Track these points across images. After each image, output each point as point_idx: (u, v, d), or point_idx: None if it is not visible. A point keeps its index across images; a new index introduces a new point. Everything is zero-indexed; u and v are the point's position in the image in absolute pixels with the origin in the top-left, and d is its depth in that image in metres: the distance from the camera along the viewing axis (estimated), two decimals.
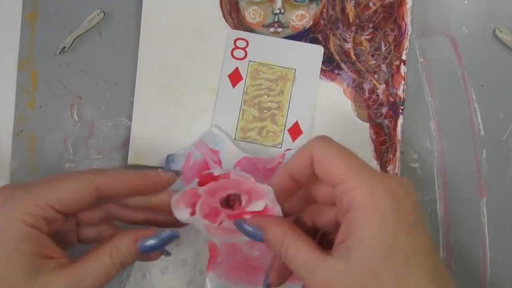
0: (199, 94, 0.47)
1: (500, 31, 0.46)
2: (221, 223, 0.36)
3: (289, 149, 0.46)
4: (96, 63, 0.48)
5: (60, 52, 0.48)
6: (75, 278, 0.34)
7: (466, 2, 0.47)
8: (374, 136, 0.46)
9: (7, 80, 0.49)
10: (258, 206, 0.36)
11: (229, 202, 0.37)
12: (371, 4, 0.47)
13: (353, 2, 0.47)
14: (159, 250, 0.38)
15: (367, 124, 0.46)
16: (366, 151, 0.46)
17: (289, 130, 0.46)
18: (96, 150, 0.48)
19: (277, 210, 0.36)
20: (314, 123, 0.46)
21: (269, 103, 0.47)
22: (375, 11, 0.47)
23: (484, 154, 0.46)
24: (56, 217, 0.35)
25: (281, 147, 0.46)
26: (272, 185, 0.36)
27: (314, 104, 0.46)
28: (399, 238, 0.30)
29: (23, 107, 0.49)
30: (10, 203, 0.34)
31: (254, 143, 0.46)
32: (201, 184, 0.36)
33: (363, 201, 0.30)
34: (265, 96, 0.47)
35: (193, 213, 0.36)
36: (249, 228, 0.35)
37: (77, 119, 0.48)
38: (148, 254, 0.37)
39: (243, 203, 0.36)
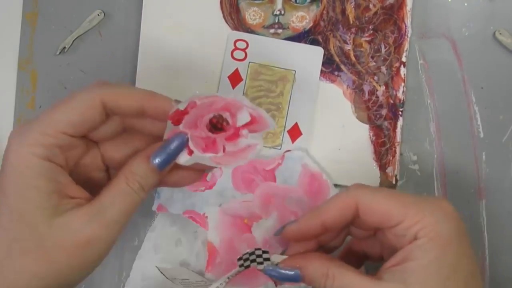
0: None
1: (500, 33, 0.46)
2: (224, 149, 0.34)
3: (288, 150, 0.46)
4: (96, 63, 0.48)
5: (60, 52, 0.48)
6: (95, 212, 0.31)
7: (466, 4, 0.47)
8: (374, 138, 0.46)
9: (7, 80, 0.49)
10: (244, 117, 0.33)
11: (216, 126, 0.34)
12: (371, 5, 0.47)
13: (353, 3, 0.47)
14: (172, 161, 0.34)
15: (367, 126, 0.46)
16: (365, 152, 0.46)
17: (288, 131, 0.46)
18: None
19: (264, 114, 0.34)
20: (313, 124, 0.46)
21: (269, 104, 0.47)
22: (375, 13, 0.47)
23: (483, 156, 0.46)
24: (70, 142, 0.32)
25: (280, 148, 0.46)
26: (300, 226, 0.35)
27: (314, 105, 0.46)
28: (461, 260, 0.31)
29: (23, 107, 0.49)
30: (19, 139, 0.31)
31: None
32: (176, 122, 0.34)
33: (429, 230, 0.31)
34: (265, 97, 0.47)
35: (190, 153, 0.33)
36: (284, 272, 0.34)
37: None
38: (165, 169, 0.34)
39: (230, 120, 0.34)
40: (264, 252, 0.35)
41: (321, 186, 0.46)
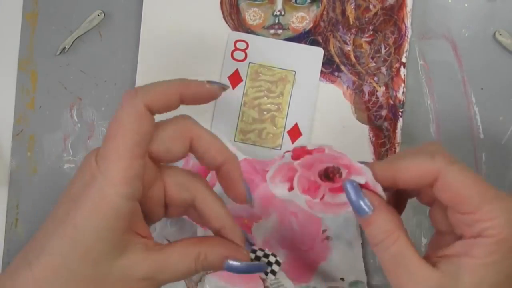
0: None
1: (500, 34, 0.46)
2: (323, 197, 0.33)
3: (288, 151, 0.46)
4: (96, 64, 0.48)
5: (60, 53, 0.48)
6: (155, 269, 0.31)
7: (466, 5, 0.47)
8: (374, 139, 0.46)
9: (7, 80, 0.49)
10: (360, 180, 0.33)
11: (328, 175, 0.33)
12: (371, 6, 0.47)
13: (353, 4, 0.47)
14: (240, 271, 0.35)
15: (367, 127, 0.46)
16: (365, 153, 0.46)
17: (288, 132, 0.46)
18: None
19: (379, 189, 0.33)
20: (313, 125, 0.46)
21: (269, 105, 0.47)
22: (375, 14, 0.47)
23: (483, 157, 0.46)
24: (143, 167, 0.31)
25: (280, 149, 0.46)
26: (372, 170, 0.33)
27: (314, 106, 0.46)
28: None
29: (23, 108, 0.49)
30: (101, 177, 0.30)
31: (254, 145, 0.46)
32: (295, 158, 0.33)
33: (497, 232, 0.30)
34: (265, 98, 0.47)
35: (291, 188, 0.34)
36: (361, 197, 0.31)
37: (76, 120, 0.48)
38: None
39: (343, 175, 0.33)
40: (277, 262, 0.35)
41: None
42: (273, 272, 0.35)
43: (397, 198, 0.36)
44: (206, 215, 0.34)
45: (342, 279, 0.45)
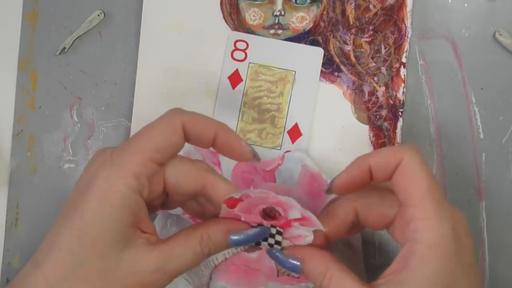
0: (199, 95, 0.47)
1: (500, 34, 0.46)
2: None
3: (288, 151, 0.46)
4: (96, 64, 0.48)
5: (60, 53, 0.48)
6: (163, 259, 0.32)
7: (466, 5, 0.47)
8: (374, 139, 0.46)
9: (7, 80, 0.49)
10: (295, 214, 0.35)
11: (269, 215, 0.35)
12: (371, 6, 0.47)
13: (353, 4, 0.47)
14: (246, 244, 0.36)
15: (367, 126, 0.46)
16: (365, 153, 0.46)
17: (288, 132, 0.46)
18: (95, 151, 0.48)
19: (312, 216, 0.35)
20: (313, 125, 0.46)
21: (269, 105, 0.47)
22: (375, 14, 0.47)
23: (483, 157, 0.46)
24: (155, 171, 0.32)
25: (280, 149, 0.46)
26: (348, 175, 0.35)
27: (314, 106, 0.46)
28: (457, 280, 0.30)
29: (23, 108, 0.49)
30: (112, 169, 0.31)
31: (254, 144, 0.46)
32: (231, 206, 0.35)
33: (429, 236, 0.30)
34: (265, 98, 0.47)
35: None
36: (287, 260, 0.34)
37: (76, 120, 0.48)
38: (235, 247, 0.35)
39: (282, 213, 0.35)
40: (278, 232, 0.35)
41: (321, 186, 0.46)
42: (278, 243, 0.35)
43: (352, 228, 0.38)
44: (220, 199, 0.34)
45: None
